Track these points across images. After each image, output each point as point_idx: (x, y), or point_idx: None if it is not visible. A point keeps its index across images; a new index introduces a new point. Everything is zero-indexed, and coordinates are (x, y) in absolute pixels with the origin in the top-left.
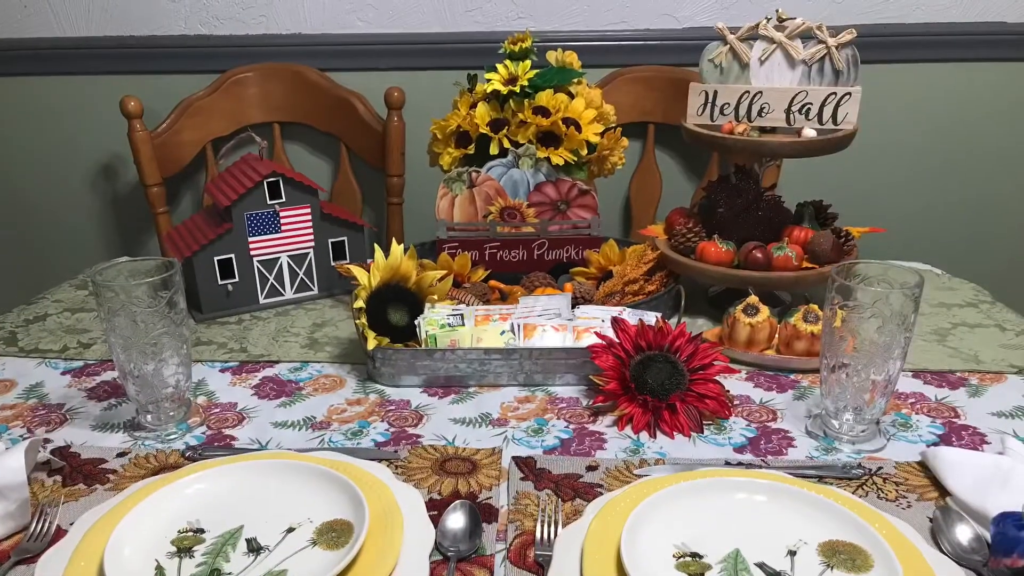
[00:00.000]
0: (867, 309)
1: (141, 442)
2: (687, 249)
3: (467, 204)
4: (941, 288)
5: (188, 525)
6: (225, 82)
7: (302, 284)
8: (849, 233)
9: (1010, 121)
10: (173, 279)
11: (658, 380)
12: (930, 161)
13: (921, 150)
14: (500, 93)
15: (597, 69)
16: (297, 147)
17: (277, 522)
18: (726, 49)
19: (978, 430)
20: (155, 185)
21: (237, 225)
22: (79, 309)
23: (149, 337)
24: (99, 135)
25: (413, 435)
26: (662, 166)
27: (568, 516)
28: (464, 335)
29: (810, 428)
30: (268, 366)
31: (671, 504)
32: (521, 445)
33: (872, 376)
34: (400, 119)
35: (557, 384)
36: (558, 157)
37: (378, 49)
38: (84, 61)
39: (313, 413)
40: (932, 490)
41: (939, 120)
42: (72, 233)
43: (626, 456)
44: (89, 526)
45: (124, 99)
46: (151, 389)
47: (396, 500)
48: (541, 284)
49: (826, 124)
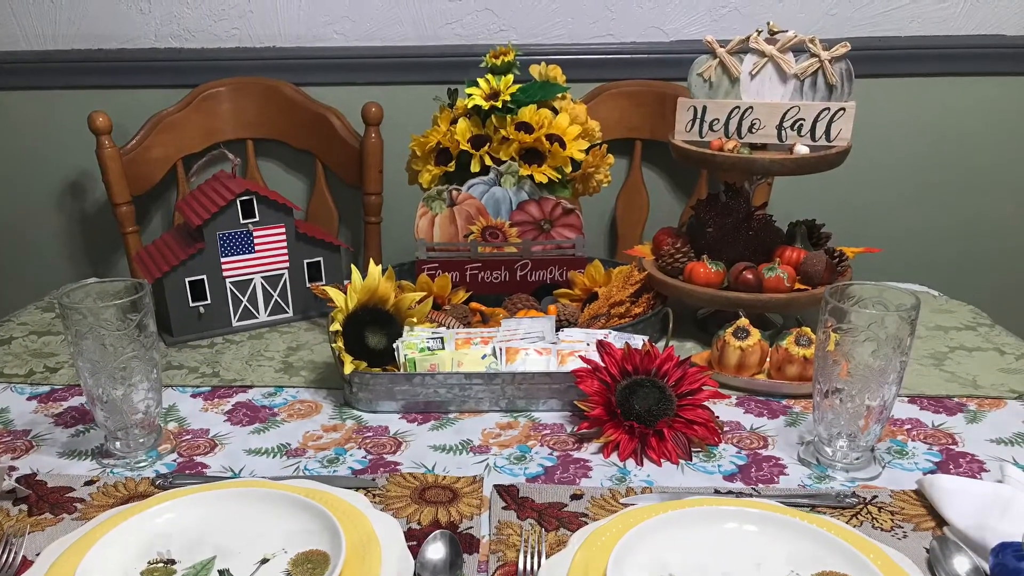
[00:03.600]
0: (861, 332)
1: (110, 470)
2: (675, 270)
3: (447, 223)
4: (938, 311)
5: (159, 555)
6: (197, 97)
7: (276, 306)
8: (843, 253)
9: (1011, 137)
10: (143, 301)
11: (645, 406)
12: (927, 179)
13: (918, 167)
14: (482, 108)
15: (582, 84)
16: (271, 164)
17: (250, 552)
18: (715, 63)
19: (976, 457)
20: (124, 204)
21: (209, 245)
22: (45, 332)
23: (118, 361)
24: (66, 152)
25: (391, 462)
26: (649, 184)
27: (552, 547)
28: (444, 359)
29: (802, 455)
30: (241, 391)
31: (658, 534)
32: (503, 473)
33: (867, 401)
34: (378, 135)
35: (540, 410)
36: (541, 175)
37: (355, 63)
38: (50, 75)
39: (288, 440)
40: (929, 520)
41: (937, 136)
42: (38, 253)
43: (612, 484)
44: (56, 557)
45: (92, 115)
46: (120, 415)
47: (374, 530)
48: (524, 306)
49: (819, 141)
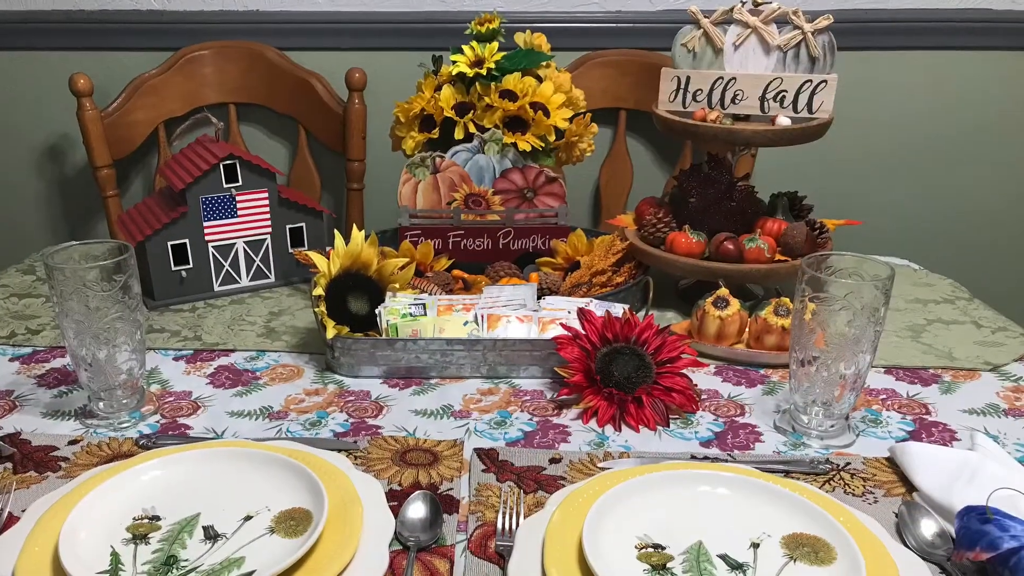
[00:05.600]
0: (837, 302)
1: (93, 430)
2: (657, 240)
3: (430, 190)
4: (918, 284)
5: (143, 512)
6: (179, 60)
7: (259, 271)
8: (824, 225)
9: (994, 112)
10: (127, 263)
11: (624, 373)
12: (909, 152)
13: (900, 141)
14: (466, 76)
15: (567, 52)
16: (254, 129)
17: (234, 510)
18: (699, 33)
19: (948, 427)
20: (105, 167)
21: (192, 209)
22: (26, 295)
23: (102, 323)
24: (45, 114)
25: (373, 426)
26: (633, 154)
27: (530, 508)
28: (426, 325)
29: (778, 423)
30: (223, 355)
31: (634, 496)
32: (484, 437)
33: (842, 370)
34: (361, 101)
35: (521, 376)
36: (525, 143)
37: (339, 28)
38: (30, 36)
39: (270, 403)
40: (899, 486)
41: (920, 110)
42: (16, 217)
43: (590, 449)
44: (42, 513)
45: (74, 76)
46: (104, 376)
47: (356, 489)
48: (506, 274)
49: (801, 112)
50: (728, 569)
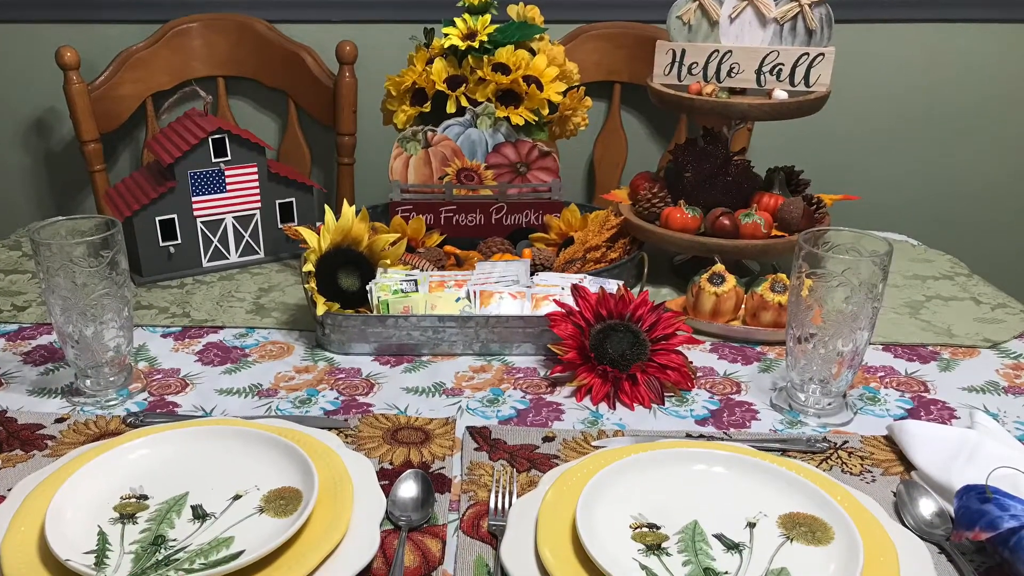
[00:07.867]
0: (835, 278)
1: (80, 408)
2: (652, 215)
3: (422, 165)
4: (917, 260)
5: (131, 491)
6: (167, 33)
7: (248, 247)
8: (821, 200)
9: (993, 85)
10: (115, 238)
11: (619, 350)
12: (908, 126)
13: (898, 115)
14: (458, 48)
15: (560, 25)
16: (243, 103)
17: (223, 489)
18: (695, 5)
19: (947, 404)
20: (92, 141)
21: (180, 184)
22: (12, 271)
23: (89, 299)
24: (31, 88)
25: (364, 404)
26: (628, 128)
27: (523, 487)
28: (418, 301)
29: (775, 401)
30: (212, 332)
31: (629, 475)
32: (476, 415)
33: (839, 347)
34: (352, 75)
35: (514, 353)
36: (518, 117)
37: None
38: (15, 8)
39: (259, 380)
40: (898, 464)
41: (918, 83)
42: (2, 192)
43: (584, 428)
44: (29, 491)
45: (60, 49)
46: (91, 353)
47: (346, 468)
48: (499, 250)
49: (798, 86)
50: (724, 549)
